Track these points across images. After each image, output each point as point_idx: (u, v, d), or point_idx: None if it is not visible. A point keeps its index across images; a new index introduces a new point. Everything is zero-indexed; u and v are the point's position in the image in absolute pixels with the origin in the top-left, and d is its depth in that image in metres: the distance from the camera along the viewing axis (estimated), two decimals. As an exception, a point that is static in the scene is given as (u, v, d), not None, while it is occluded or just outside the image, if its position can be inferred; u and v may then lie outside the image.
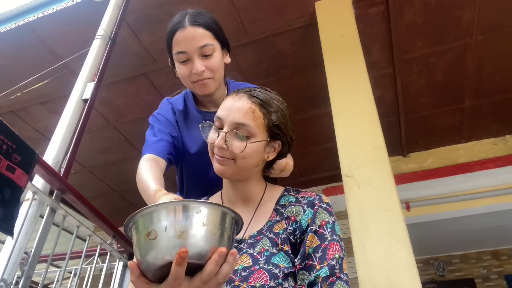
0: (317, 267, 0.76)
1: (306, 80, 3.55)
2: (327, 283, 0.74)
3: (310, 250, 0.78)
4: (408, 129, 4.17)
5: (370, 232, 1.95)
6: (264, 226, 0.86)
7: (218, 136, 0.84)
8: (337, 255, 0.78)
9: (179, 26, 1.09)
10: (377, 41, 3.22)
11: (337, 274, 0.75)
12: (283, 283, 0.75)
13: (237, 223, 0.64)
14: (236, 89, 0.92)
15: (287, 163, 1.06)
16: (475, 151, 4.38)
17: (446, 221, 4.85)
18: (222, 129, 0.85)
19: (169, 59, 1.20)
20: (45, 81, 2.11)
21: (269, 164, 0.95)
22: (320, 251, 0.78)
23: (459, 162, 4.35)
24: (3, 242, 1.27)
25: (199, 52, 1.09)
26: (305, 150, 4.45)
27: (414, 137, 4.34)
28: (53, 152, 1.49)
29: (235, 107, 0.85)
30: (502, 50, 3.29)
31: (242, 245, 0.83)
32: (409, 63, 3.42)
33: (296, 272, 0.78)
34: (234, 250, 0.60)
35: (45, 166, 1.29)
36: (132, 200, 5.23)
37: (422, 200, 4.45)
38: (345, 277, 0.77)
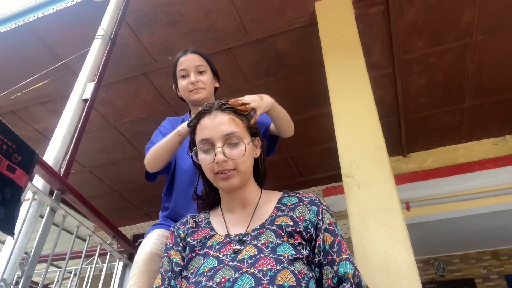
0: (337, 260, 0.85)
1: (306, 80, 3.55)
2: (356, 277, 0.84)
3: (327, 247, 0.87)
4: (408, 129, 4.17)
5: (370, 232, 1.94)
6: (265, 220, 0.92)
7: (214, 155, 0.89)
8: (348, 252, 0.88)
9: (183, 54, 1.48)
10: (377, 41, 3.22)
11: (356, 269, 0.86)
12: (289, 266, 0.80)
13: None
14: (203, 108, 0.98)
15: None
16: (475, 151, 4.37)
17: (446, 221, 4.83)
18: (213, 147, 0.90)
19: (173, 85, 1.51)
20: (45, 81, 2.12)
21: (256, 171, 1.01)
22: (335, 245, 0.87)
23: (459, 162, 4.34)
24: (3, 242, 1.27)
25: (195, 69, 1.44)
26: (305, 150, 4.45)
27: (414, 137, 4.34)
28: (53, 152, 1.50)
29: (216, 122, 0.92)
30: (502, 50, 3.28)
31: (246, 238, 0.88)
32: (409, 63, 3.42)
33: (322, 266, 0.85)
34: None
35: (45, 166, 1.29)
36: (132, 200, 5.22)
37: (422, 200, 4.44)
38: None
